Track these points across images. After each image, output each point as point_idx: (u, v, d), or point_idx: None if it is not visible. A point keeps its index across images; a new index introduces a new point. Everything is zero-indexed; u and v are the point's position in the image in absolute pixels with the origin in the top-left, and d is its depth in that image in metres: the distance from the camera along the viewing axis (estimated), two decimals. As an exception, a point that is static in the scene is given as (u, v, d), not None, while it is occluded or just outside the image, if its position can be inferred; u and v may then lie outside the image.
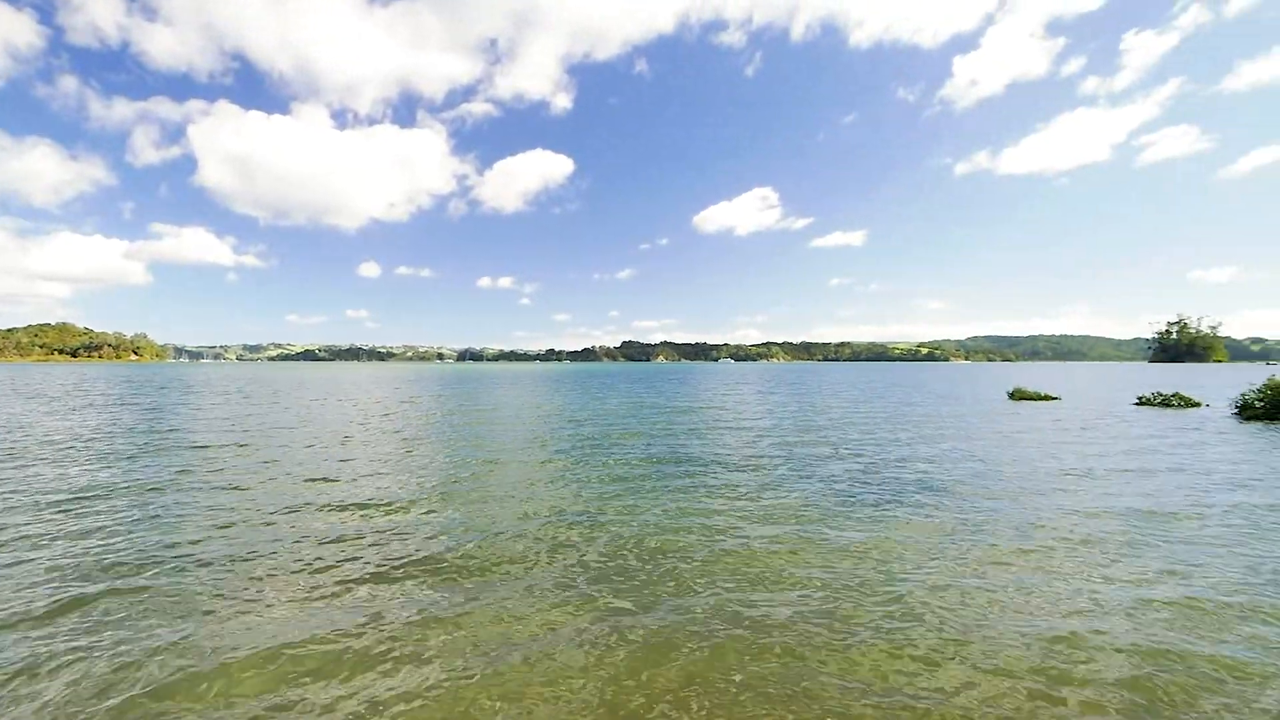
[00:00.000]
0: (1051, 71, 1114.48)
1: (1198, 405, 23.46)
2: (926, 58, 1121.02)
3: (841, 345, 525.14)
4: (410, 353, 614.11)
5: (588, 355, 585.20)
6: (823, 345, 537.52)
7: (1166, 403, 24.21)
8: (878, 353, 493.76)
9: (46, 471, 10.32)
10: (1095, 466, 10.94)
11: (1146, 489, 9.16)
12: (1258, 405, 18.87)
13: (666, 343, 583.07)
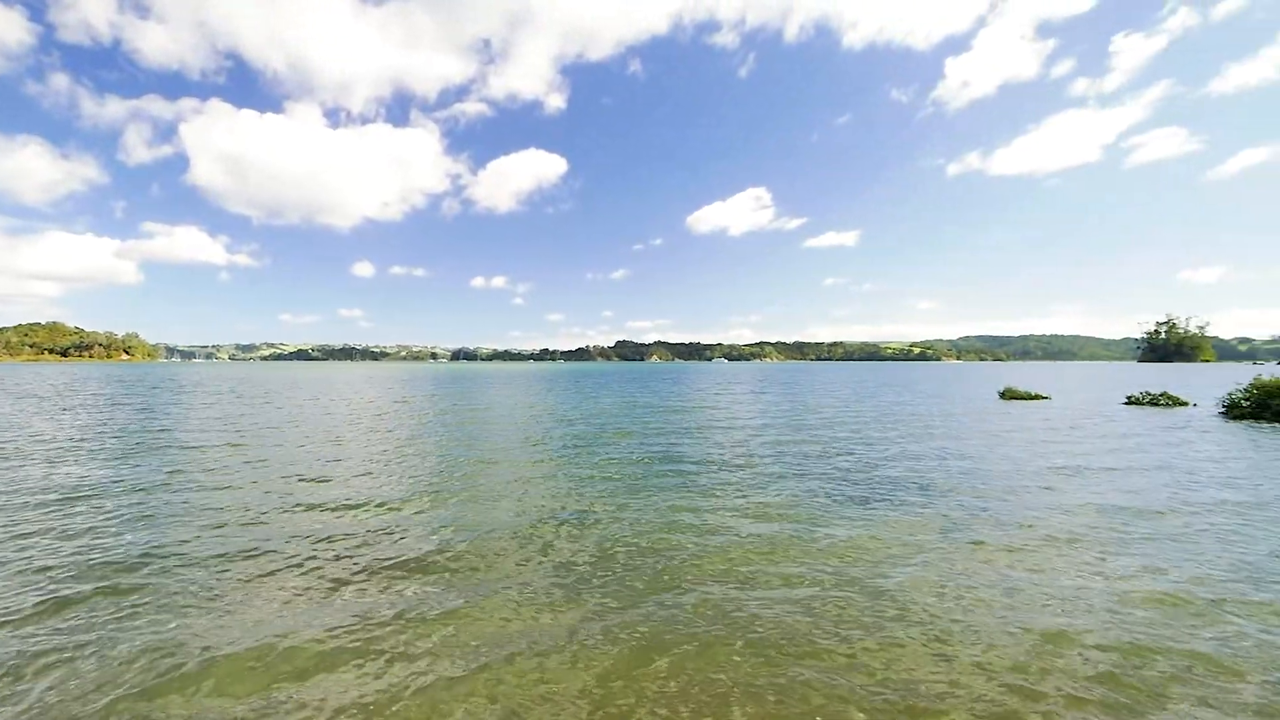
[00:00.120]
0: (1042, 73, 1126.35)
1: (1185, 404, 23.75)
2: (919, 59, 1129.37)
3: (834, 345, 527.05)
4: (404, 352, 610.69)
5: (582, 355, 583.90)
6: (816, 345, 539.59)
7: (1155, 402, 24.49)
8: (870, 352, 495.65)
9: (36, 471, 10.24)
10: (1084, 465, 11.06)
11: (1133, 487, 9.28)
12: (1244, 404, 19.14)
13: (660, 342, 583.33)
